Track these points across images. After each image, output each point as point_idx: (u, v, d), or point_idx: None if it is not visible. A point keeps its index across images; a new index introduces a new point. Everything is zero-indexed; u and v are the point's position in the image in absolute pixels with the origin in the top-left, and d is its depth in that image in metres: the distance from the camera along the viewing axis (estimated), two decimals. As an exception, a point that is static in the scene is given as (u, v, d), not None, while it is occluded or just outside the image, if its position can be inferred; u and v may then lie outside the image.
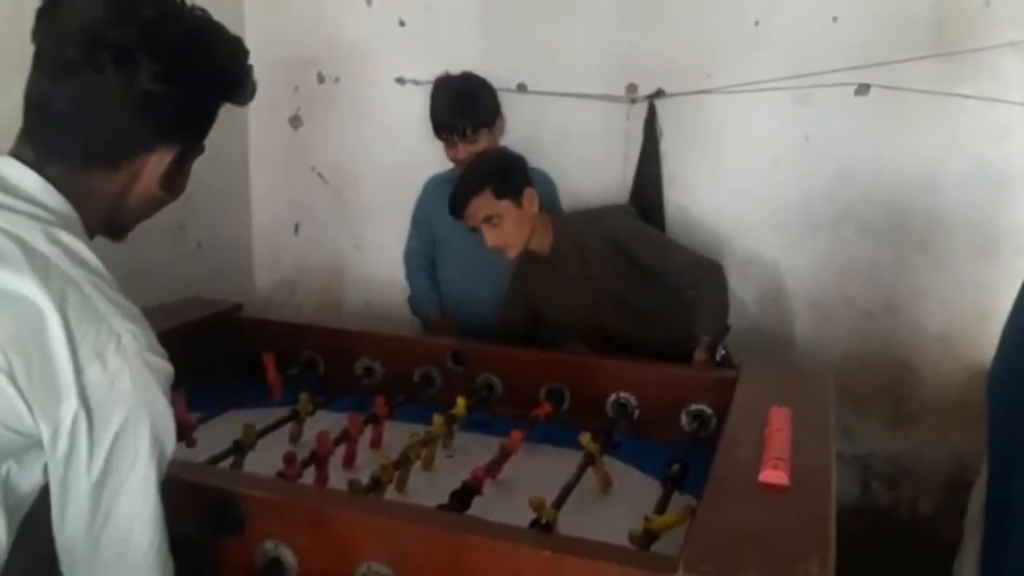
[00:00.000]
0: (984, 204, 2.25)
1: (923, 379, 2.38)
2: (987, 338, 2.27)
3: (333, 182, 2.76)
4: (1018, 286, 2.19)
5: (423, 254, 2.38)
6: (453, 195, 1.98)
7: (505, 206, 1.95)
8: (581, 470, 1.51)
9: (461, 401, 1.76)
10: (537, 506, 1.27)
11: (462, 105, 2.18)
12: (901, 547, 2.41)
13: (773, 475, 1.18)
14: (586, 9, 2.43)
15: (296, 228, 2.82)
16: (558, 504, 1.34)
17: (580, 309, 2.03)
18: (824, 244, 2.38)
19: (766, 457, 1.23)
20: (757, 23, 2.32)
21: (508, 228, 1.96)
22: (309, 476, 1.50)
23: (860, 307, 2.38)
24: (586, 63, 2.45)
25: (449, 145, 2.19)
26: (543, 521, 1.25)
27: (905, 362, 2.38)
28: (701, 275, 1.93)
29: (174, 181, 0.99)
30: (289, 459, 1.45)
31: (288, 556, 1.15)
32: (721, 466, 1.25)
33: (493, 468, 1.52)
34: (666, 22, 2.37)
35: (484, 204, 1.94)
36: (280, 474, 1.42)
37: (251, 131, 2.76)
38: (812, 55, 2.28)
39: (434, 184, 2.35)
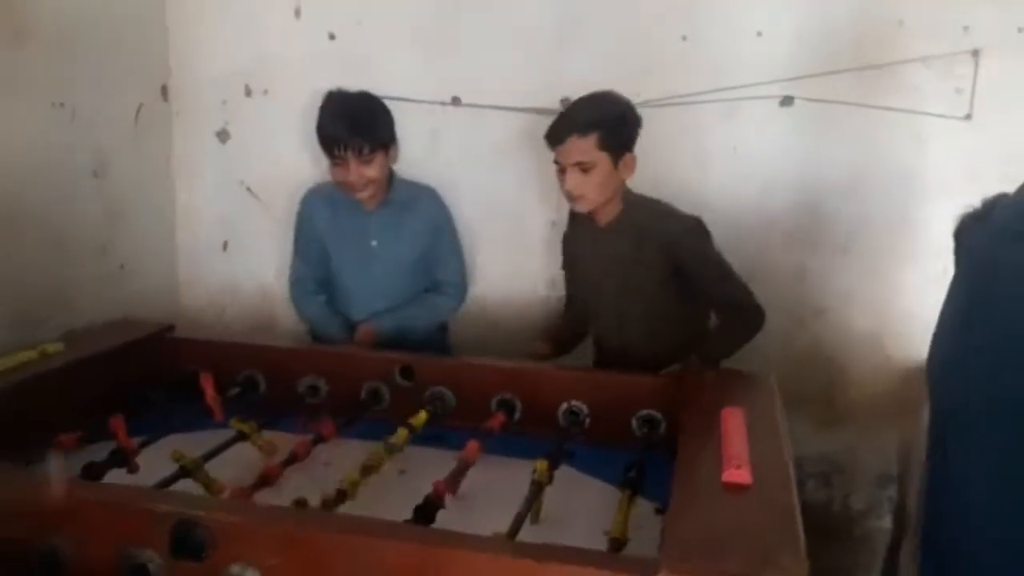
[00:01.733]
0: (904, 210, 2.35)
1: (852, 379, 2.47)
2: (912, 336, 2.39)
3: (263, 197, 2.69)
4: (937, 286, 2.31)
5: (310, 277, 2.35)
6: (558, 121, 1.90)
7: (603, 159, 1.88)
8: (532, 496, 1.46)
9: (423, 415, 1.74)
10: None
11: (361, 123, 2.10)
12: (835, 541, 2.50)
13: (736, 474, 1.21)
14: (518, 23, 2.45)
15: (224, 246, 2.74)
16: (513, 532, 1.30)
17: (606, 290, 2.03)
18: (752, 251, 2.45)
19: (726, 457, 1.26)
20: (684, 38, 2.38)
21: (593, 182, 1.89)
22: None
23: (789, 312, 2.46)
24: (519, 77, 2.46)
25: (338, 163, 2.10)
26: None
27: (835, 363, 2.47)
28: (740, 313, 1.94)
29: None
30: (236, 492, 1.40)
31: (255, 578, 1.11)
32: (683, 469, 1.28)
33: (452, 481, 1.51)
34: (597, 37, 2.41)
35: (584, 148, 1.86)
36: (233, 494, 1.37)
37: (175, 145, 2.67)
38: (738, 69, 2.36)
39: (317, 198, 2.31)
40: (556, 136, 1.89)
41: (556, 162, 1.93)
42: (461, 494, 1.54)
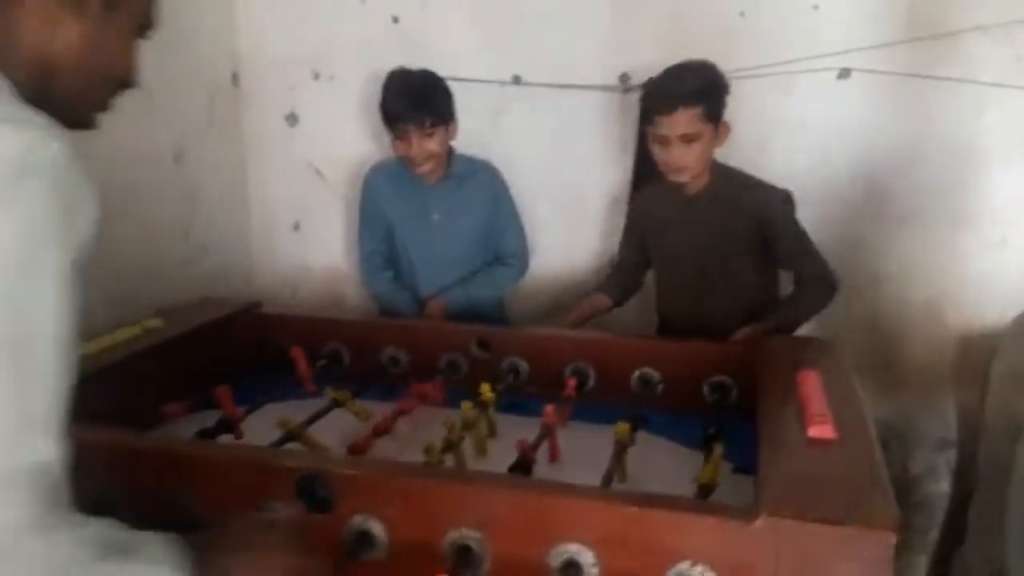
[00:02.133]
0: (962, 179, 2.38)
1: (910, 346, 2.51)
2: (969, 302, 2.44)
3: (331, 179, 2.79)
4: (995, 253, 2.35)
5: (378, 252, 2.45)
6: (663, 92, 1.92)
7: (706, 130, 1.92)
8: (616, 456, 1.55)
9: (486, 387, 1.82)
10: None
11: (423, 98, 2.22)
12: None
13: (821, 430, 1.28)
14: (577, 1, 2.50)
15: (296, 226, 2.85)
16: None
17: (690, 258, 2.09)
18: (812, 221, 2.49)
19: (809, 414, 1.33)
20: (742, 14, 2.42)
21: (696, 152, 1.93)
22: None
23: (848, 280, 2.49)
24: (579, 54, 2.52)
25: (401, 138, 2.23)
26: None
27: (893, 330, 2.52)
28: (819, 284, 1.99)
29: (105, 35, 0.90)
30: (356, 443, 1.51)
31: (377, 528, 1.21)
32: (767, 426, 1.35)
33: (538, 443, 1.58)
34: (655, 14, 2.46)
35: (691, 120, 1.90)
36: (351, 448, 1.48)
37: (246, 130, 2.78)
38: (795, 42, 2.39)
39: (380, 174, 2.42)
40: (665, 107, 1.90)
41: (657, 134, 1.95)
42: (545, 457, 1.63)
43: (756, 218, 2.00)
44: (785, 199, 2.03)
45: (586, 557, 1.12)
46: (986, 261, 2.40)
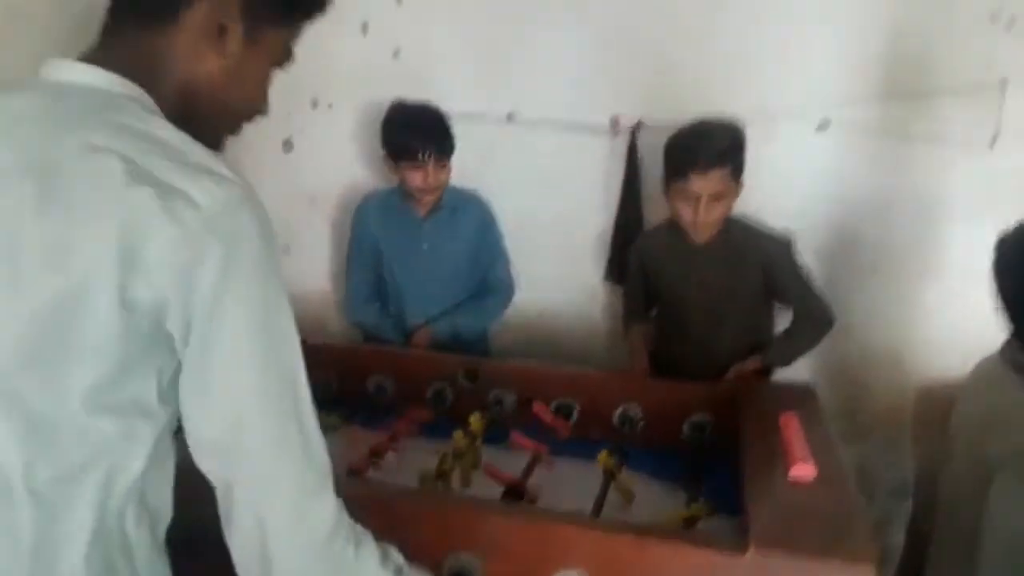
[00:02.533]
0: (927, 232, 2.49)
1: (873, 394, 2.59)
2: (931, 353, 2.54)
3: (324, 207, 2.84)
4: (957, 305, 2.45)
5: (365, 282, 2.49)
6: (698, 152, 1.94)
7: (732, 188, 1.99)
8: (606, 485, 1.63)
9: (475, 417, 1.87)
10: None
11: (440, 130, 2.31)
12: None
13: (803, 469, 1.35)
14: (572, 43, 2.56)
15: (287, 250, 2.88)
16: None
17: (700, 305, 2.15)
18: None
19: (791, 455, 1.40)
20: (729, 60, 2.52)
21: (721, 210, 1.99)
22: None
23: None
24: (572, 93, 2.59)
25: (416, 168, 2.28)
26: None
27: (857, 379, 2.61)
28: (814, 319, 2.09)
29: (245, 69, 0.94)
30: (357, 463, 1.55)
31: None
32: (751, 465, 1.42)
33: (527, 473, 1.64)
34: (646, 57, 2.54)
35: (722, 179, 1.95)
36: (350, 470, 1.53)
37: (243, 154, 2.81)
38: (778, 92, 2.50)
39: (371, 204, 2.49)
40: (702, 166, 1.93)
41: (688, 189, 1.97)
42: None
43: (763, 265, 2.09)
44: (788, 245, 2.13)
45: (583, 583, 1.17)
46: (948, 313, 2.51)
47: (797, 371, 2.47)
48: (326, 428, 1.77)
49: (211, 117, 0.93)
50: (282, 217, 2.84)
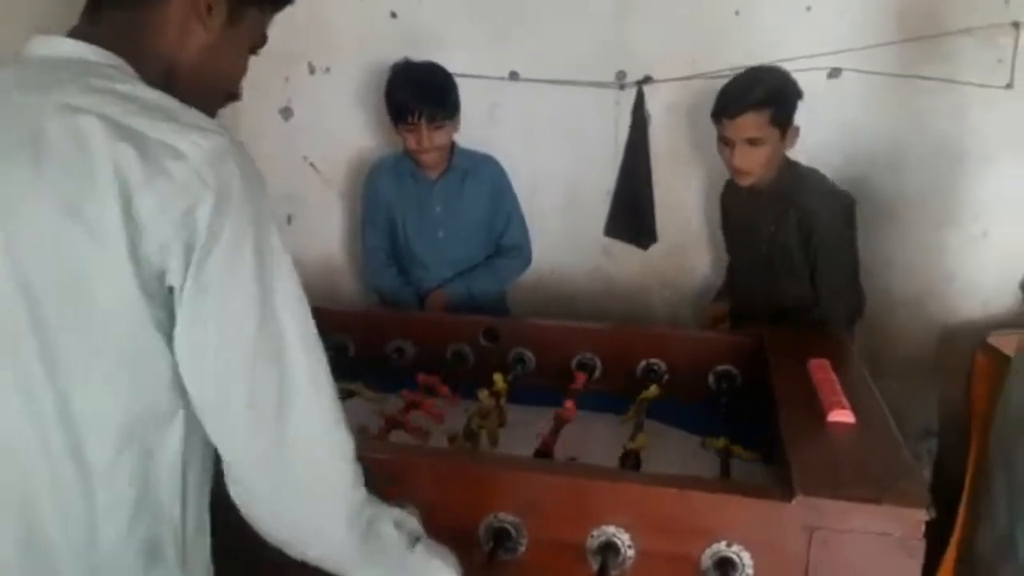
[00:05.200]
0: (944, 176, 2.46)
1: (894, 338, 2.58)
2: (952, 296, 2.52)
3: (325, 173, 2.79)
4: (976, 248, 2.42)
5: (382, 247, 2.45)
6: (732, 96, 1.94)
7: (773, 134, 1.94)
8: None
9: (498, 377, 1.84)
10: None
11: (433, 90, 2.24)
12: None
13: (840, 414, 1.32)
14: (575, -1, 2.53)
15: (289, 219, 2.84)
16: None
17: (748, 252, 2.13)
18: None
19: (826, 400, 1.38)
20: (737, 12, 2.47)
21: (762, 156, 1.95)
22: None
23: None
24: (577, 51, 2.55)
25: (410, 130, 2.24)
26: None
27: (878, 323, 2.58)
28: (834, 303, 2.01)
29: (224, 49, 0.93)
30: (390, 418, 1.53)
31: (414, 513, 1.22)
32: (786, 412, 1.39)
33: (552, 436, 1.60)
34: (653, 12, 2.50)
35: (757, 124, 1.91)
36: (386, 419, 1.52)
37: (242, 123, 2.76)
38: (788, 42, 2.45)
39: (382, 169, 2.44)
40: (732, 111, 1.93)
41: (723, 135, 1.98)
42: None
43: (806, 214, 2.00)
44: (841, 207, 2.03)
45: (623, 539, 1.15)
46: (968, 256, 2.48)
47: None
48: (346, 395, 1.80)
49: (190, 97, 0.90)
50: (284, 186, 2.80)
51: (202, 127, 0.80)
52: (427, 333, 2.07)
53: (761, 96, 1.94)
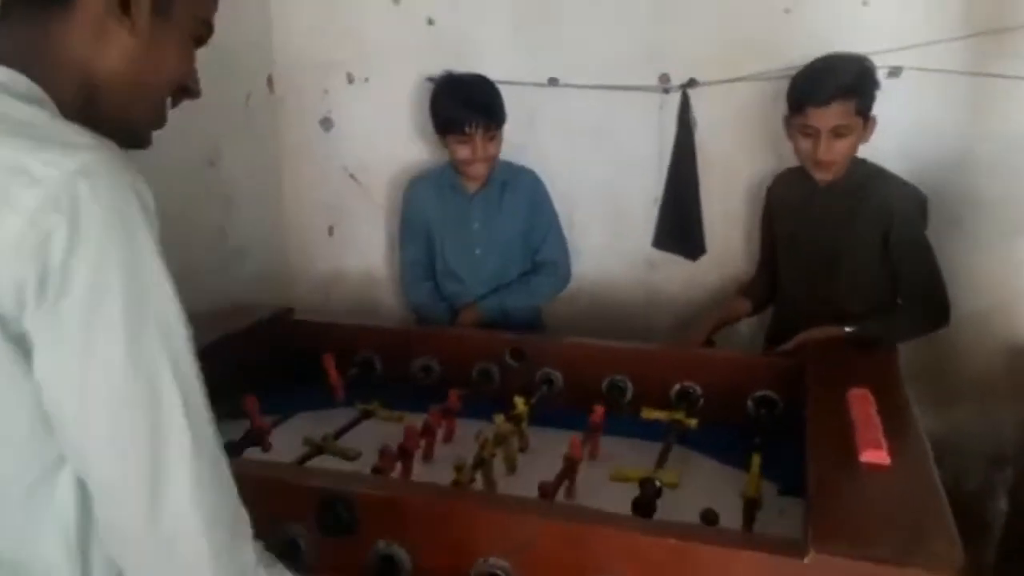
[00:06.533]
0: (1016, 182, 2.27)
1: (962, 357, 2.40)
2: (1022, 313, 2.33)
3: (365, 183, 2.76)
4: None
5: (419, 263, 2.40)
6: (819, 83, 1.86)
7: (857, 124, 1.87)
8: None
9: (519, 400, 1.76)
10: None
11: (487, 101, 2.22)
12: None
13: (874, 455, 1.20)
14: (615, 1, 2.44)
15: (330, 231, 2.82)
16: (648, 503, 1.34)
17: (814, 249, 2.01)
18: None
19: (861, 437, 1.25)
20: (787, 11, 2.33)
21: (845, 147, 1.87)
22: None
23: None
24: (617, 55, 2.45)
25: (463, 142, 2.20)
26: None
27: (944, 341, 2.40)
28: (919, 304, 1.91)
29: (158, 47, 0.83)
30: (384, 453, 1.46)
31: (402, 554, 1.16)
32: (817, 448, 1.27)
33: (559, 481, 1.46)
34: (696, 11, 2.38)
35: (844, 112, 1.84)
36: (375, 468, 1.43)
37: (282, 134, 2.76)
38: (843, 40, 2.29)
39: (422, 183, 2.39)
40: (820, 99, 1.84)
41: (807, 125, 1.88)
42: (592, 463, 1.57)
43: (883, 213, 1.90)
44: (916, 202, 1.95)
45: (622, 590, 1.06)
46: (1039, 269, 2.29)
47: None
48: (363, 416, 1.75)
49: (124, 108, 0.82)
50: (325, 197, 2.79)
51: (68, 143, 0.71)
52: (454, 351, 2.01)
53: (849, 83, 1.85)
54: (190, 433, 0.72)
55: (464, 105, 2.19)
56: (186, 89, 0.90)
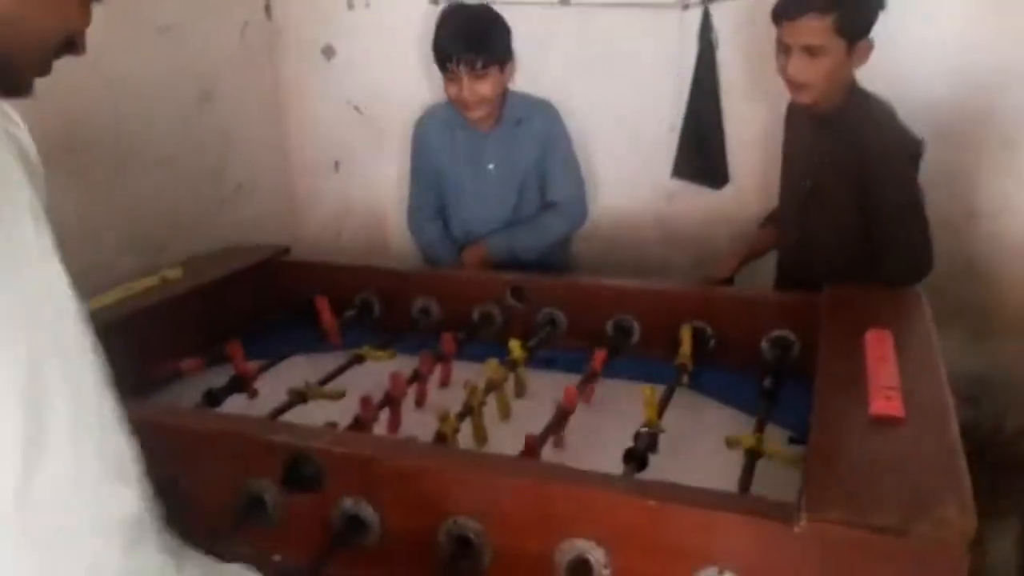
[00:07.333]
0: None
1: (1006, 290, 2.24)
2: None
3: (371, 115, 2.64)
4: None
5: (429, 204, 2.27)
6: None
7: (836, 45, 1.67)
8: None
9: (515, 344, 1.66)
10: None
11: (475, 36, 2.00)
12: (984, 463, 2.32)
13: (886, 406, 1.08)
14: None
15: (336, 166, 2.72)
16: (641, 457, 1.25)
17: (800, 188, 1.87)
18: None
19: (874, 386, 1.13)
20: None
21: (820, 69, 1.69)
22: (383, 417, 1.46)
23: (939, 215, 2.22)
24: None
25: (452, 79, 2.02)
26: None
27: (987, 272, 2.25)
28: (903, 259, 1.73)
29: None
30: (365, 403, 1.39)
31: (369, 512, 1.09)
32: (824, 398, 1.15)
33: (546, 434, 1.36)
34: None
35: (818, 30, 1.66)
36: (357, 418, 1.36)
37: (281, 65, 2.64)
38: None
39: (431, 121, 2.23)
40: (789, 11, 1.69)
41: (780, 40, 1.73)
42: (574, 428, 1.46)
43: (858, 147, 1.72)
44: (907, 152, 1.75)
45: (597, 555, 0.97)
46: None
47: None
48: (355, 360, 1.68)
49: (11, 51, 0.73)
50: (329, 131, 2.68)
51: None
52: (454, 292, 1.92)
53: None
54: (71, 415, 0.65)
55: (451, 37, 2.01)
56: (72, 44, 0.80)
